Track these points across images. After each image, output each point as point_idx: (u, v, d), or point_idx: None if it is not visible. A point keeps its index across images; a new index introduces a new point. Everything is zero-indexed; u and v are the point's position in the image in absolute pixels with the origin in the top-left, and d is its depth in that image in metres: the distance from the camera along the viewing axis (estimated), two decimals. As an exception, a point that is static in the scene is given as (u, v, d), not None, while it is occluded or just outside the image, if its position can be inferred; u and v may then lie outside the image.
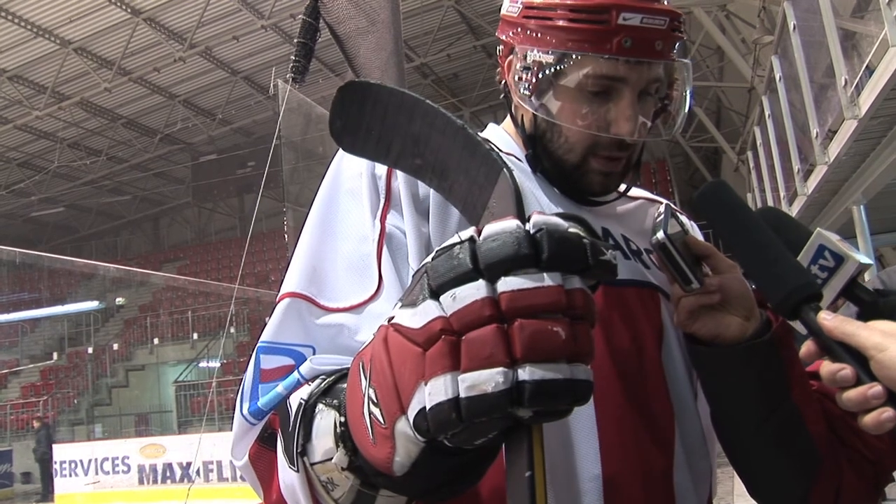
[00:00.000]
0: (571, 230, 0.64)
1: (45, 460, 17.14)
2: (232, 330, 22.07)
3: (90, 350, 24.63)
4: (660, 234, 1.03)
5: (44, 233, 30.25)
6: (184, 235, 32.23)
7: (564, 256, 0.63)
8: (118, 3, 16.37)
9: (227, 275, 25.15)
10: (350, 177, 1.10)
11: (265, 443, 0.96)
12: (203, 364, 22.49)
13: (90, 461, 15.45)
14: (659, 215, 1.08)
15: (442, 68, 21.36)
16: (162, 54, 18.05)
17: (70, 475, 15.55)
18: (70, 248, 29.57)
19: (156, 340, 23.87)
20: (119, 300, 27.29)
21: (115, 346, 24.34)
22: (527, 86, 1.12)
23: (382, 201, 1.07)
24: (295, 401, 0.87)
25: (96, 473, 15.35)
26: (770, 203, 10.06)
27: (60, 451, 15.91)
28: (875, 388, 0.89)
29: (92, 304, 26.16)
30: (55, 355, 24.95)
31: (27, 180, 24.01)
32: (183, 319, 23.85)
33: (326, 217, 1.08)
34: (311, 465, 0.82)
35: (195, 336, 23.15)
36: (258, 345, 1.02)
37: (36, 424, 18.44)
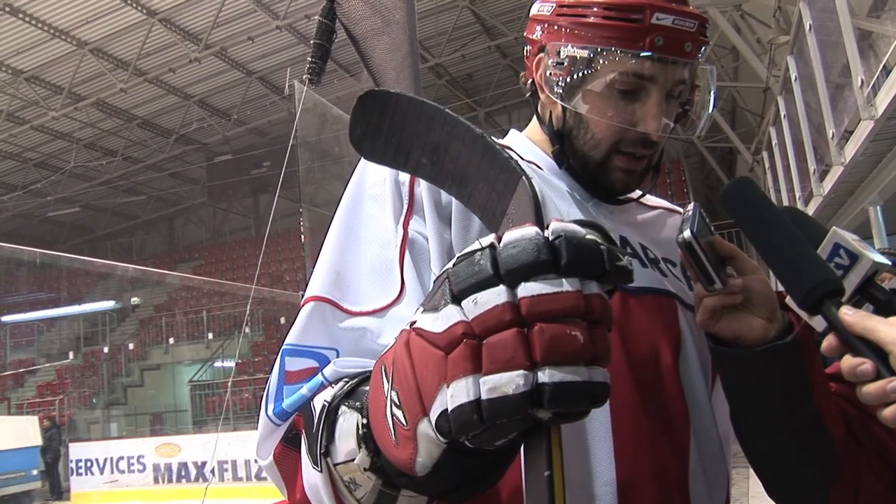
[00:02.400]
0: (589, 237, 0.66)
1: (55, 459, 17.18)
2: (247, 330, 22.12)
3: (106, 349, 24.76)
4: (686, 233, 1.03)
5: (60, 233, 30.40)
6: (199, 235, 32.31)
7: (582, 262, 0.64)
8: (134, 5, 16.43)
9: (241, 275, 25.22)
10: (374, 182, 1.12)
11: (290, 443, 0.98)
12: (218, 364, 22.55)
13: (105, 460, 15.57)
14: (686, 214, 1.08)
15: (456, 69, 21.33)
16: (177, 55, 18.11)
17: (86, 474, 15.66)
18: (86, 248, 29.73)
19: (171, 340, 23.96)
20: (134, 300, 27.39)
21: (131, 346, 24.44)
22: (558, 81, 1.14)
23: (405, 207, 1.09)
24: (319, 402, 0.88)
25: (112, 472, 15.46)
26: (786, 204, 10.02)
27: (76, 450, 16.02)
28: (894, 383, 0.89)
29: (108, 304, 26.30)
30: (71, 354, 25.09)
31: (43, 180, 24.14)
32: (198, 319, 23.91)
33: (350, 222, 1.10)
34: (335, 465, 0.84)
35: (210, 336, 23.20)
36: (283, 347, 1.03)
37: (45, 423, 18.41)
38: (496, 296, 0.63)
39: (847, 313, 0.96)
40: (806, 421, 1.06)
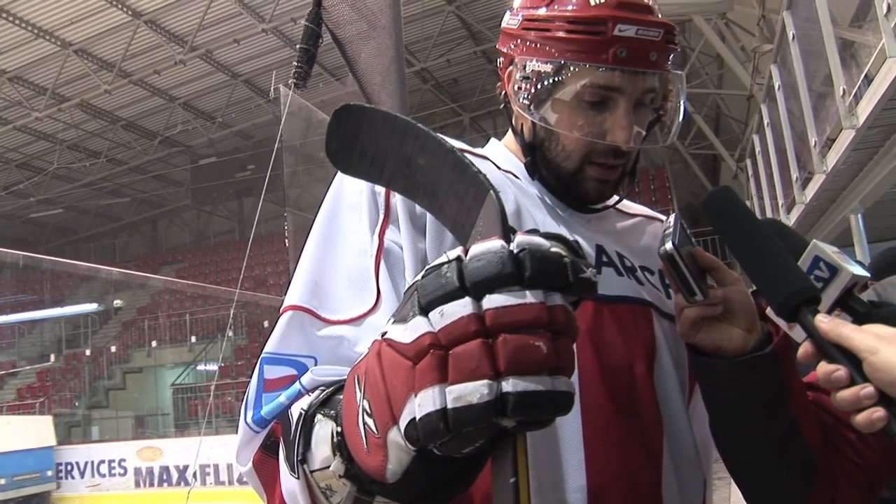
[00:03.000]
0: (553, 249, 0.67)
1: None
2: (230, 333, 22.01)
3: (88, 352, 24.54)
4: (668, 245, 1.04)
5: (42, 234, 30.18)
6: (182, 238, 32.12)
7: (546, 275, 0.66)
8: (119, 6, 16.37)
9: (225, 278, 25.11)
10: (351, 192, 1.13)
11: (268, 450, 1.00)
12: (201, 367, 22.43)
13: (87, 463, 15.46)
14: (668, 226, 1.09)
15: (442, 73, 21.35)
16: (162, 57, 18.05)
17: (66, 477, 15.53)
18: (68, 249, 29.50)
19: (154, 343, 23.77)
20: (117, 302, 27.19)
21: (113, 349, 24.23)
22: (526, 95, 1.15)
23: (381, 217, 1.10)
24: (296, 410, 0.90)
25: (93, 476, 15.35)
26: (768, 211, 10.09)
27: (57, 454, 15.88)
28: (867, 389, 0.92)
29: (90, 307, 26.08)
30: (52, 357, 24.88)
31: (26, 181, 23.98)
32: (181, 322, 23.75)
33: (328, 231, 1.12)
34: (311, 472, 0.85)
35: (193, 339, 23.06)
36: (262, 355, 1.05)
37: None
38: (462, 307, 0.65)
39: (823, 321, 0.98)
40: (785, 430, 1.07)
